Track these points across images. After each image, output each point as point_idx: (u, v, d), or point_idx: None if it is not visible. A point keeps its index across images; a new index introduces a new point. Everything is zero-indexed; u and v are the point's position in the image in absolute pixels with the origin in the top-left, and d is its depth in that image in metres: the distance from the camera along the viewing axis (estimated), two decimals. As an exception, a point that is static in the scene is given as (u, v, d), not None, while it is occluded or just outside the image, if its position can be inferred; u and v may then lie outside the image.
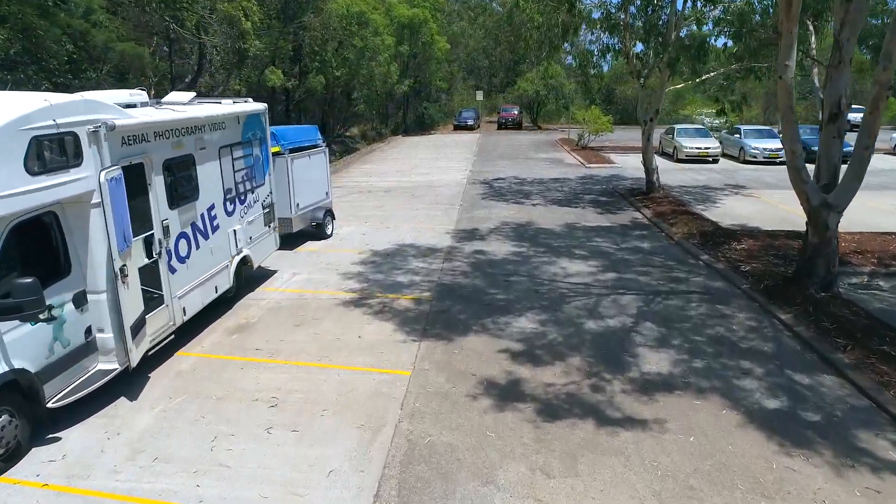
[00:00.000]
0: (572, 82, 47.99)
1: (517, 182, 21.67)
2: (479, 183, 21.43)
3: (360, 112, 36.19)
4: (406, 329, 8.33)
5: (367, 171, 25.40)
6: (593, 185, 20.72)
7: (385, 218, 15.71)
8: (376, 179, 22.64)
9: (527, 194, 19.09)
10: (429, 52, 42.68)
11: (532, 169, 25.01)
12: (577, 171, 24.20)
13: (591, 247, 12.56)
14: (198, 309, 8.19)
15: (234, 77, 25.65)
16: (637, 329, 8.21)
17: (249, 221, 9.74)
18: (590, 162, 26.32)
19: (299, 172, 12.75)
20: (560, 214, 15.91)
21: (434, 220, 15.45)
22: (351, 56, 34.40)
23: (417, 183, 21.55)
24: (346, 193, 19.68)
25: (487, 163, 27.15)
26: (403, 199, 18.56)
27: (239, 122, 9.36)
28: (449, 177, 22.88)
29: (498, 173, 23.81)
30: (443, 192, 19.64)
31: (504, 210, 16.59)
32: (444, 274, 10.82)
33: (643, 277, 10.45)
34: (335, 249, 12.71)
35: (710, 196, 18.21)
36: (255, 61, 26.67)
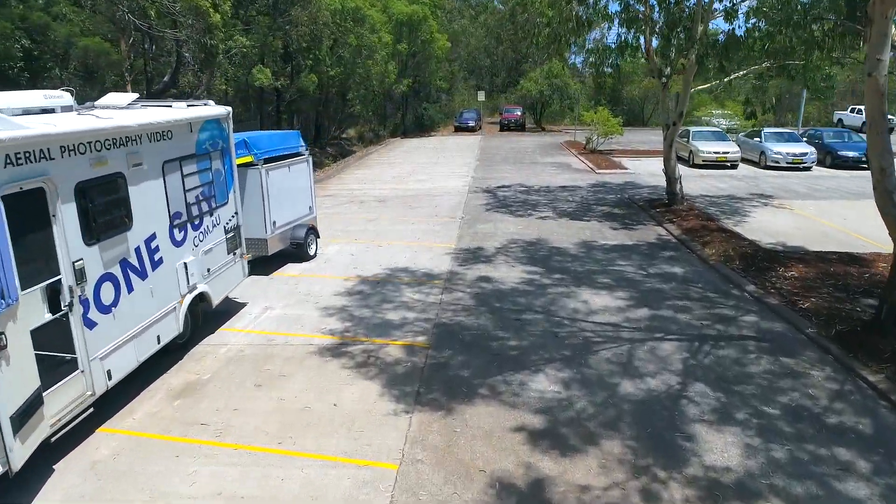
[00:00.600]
0: (577, 82, 46.22)
1: (523, 190, 19.93)
2: (481, 191, 19.70)
3: (356, 113, 34.47)
4: (395, 392, 6.61)
5: (362, 177, 23.67)
6: (606, 195, 18.98)
7: (378, 234, 13.98)
8: (371, 187, 20.91)
9: (534, 205, 17.35)
10: (428, 50, 40.96)
11: (538, 175, 23.28)
12: (586, 178, 22.47)
13: (614, 272, 10.82)
14: (130, 368, 6.47)
15: (219, 76, 23.98)
16: (688, 394, 6.48)
17: (207, 250, 8.01)
18: (600, 167, 24.59)
19: (276, 186, 11.03)
20: (574, 230, 14.18)
21: (433, 236, 13.73)
22: (346, 54, 32.75)
23: (415, 191, 19.82)
24: (336, 204, 17.95)
25: (490, 168, 25.42)
26: (399, 210, 16.83)
27: (192, 129, 7.63)
28: (449, 184, 21.15)
29: (502, 180, 22.08)
30: (443, 202, 17.91)
31: (510, 224, 14.85)
32: (443, 309, 9.09)
33: (682, 315, 8.72)
34: (318, 275, 10.98)
35: (737, 208, 16.47)
36: (244, 59, 25.02)
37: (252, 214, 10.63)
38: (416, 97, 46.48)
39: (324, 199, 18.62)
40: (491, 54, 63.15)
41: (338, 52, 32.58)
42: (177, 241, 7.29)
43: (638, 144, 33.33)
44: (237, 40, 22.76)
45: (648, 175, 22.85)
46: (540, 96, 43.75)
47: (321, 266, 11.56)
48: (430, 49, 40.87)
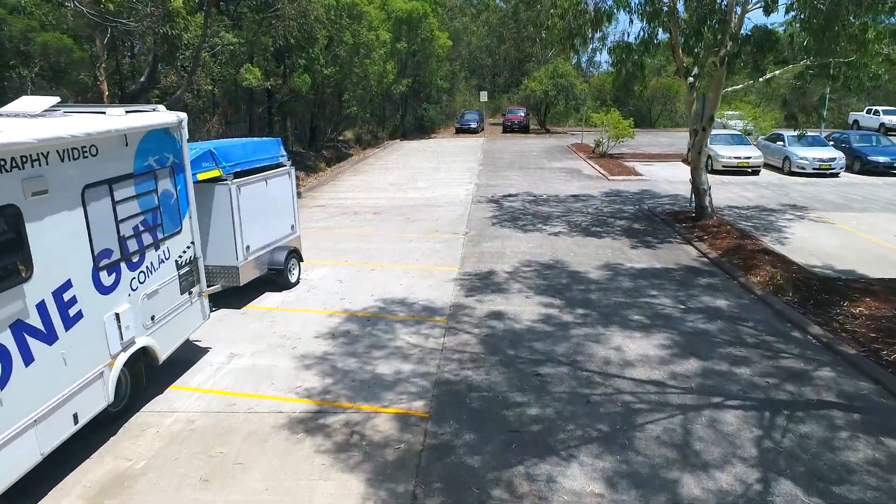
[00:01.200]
0: (583, 82, 44.57)
1: (532, 200, 18.30)
2: (486, 201, 18.07)
3: (353, 115, 32.86)
4: (383, 494, 4.99)
5: (357, 183, 22.05)
6: (624, 205, 17.35)
7: (371, 254, 12.37)
8: (366, 196, 19.29)
9: (546, 217, 15.73)
10: (429, 49, 39.34)
11: (547, 182, 21.65)
12: (599, 186, 20.84)
13: (646, 306, 9.19)
14: (30, 464, 4.85)
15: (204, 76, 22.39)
16: (773, 499, 4.85)
17: (151, 293, 6.40)
18: (612, 173, 22.96)
19: (251, 203, 9.42)
20: (593, 249, 12.55)
21: (434, 257, 12.11)
22: (342, 53, 31.17)
23: (414, 201, 18.20)
24: (327, 216, 16.33)
25: (495, 174, 23.80)
26: (396, 223, 15.22)
27: (127, 143, 6.02)
28: (451, 192, 19.53)
29: (508, 187, 20.45)
30: (444, 213, 16.29)
31: (521, 241, 13.23)
32: (445, 359, 7.47)
33: (740, 369, 7.09)
34: (298, 308, 9.37)
35: (771, 222, 14.84)
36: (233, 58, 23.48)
37: (220, 239, 9.03)
38: (416, 98, 44.88)
39: (313, 211, 17.03)
40: (493, 53, 61.58)
41: (334, 50, 31.01)
42: (104, 286, 5.68)
43: (648, 147, 31.74)
44: (223, 37, 21.20)
45: (665, 182, 21.24)
46: (545, 97, 42.12)
47: (303, 296, 9.94)
48: (430, 47, 39.26)
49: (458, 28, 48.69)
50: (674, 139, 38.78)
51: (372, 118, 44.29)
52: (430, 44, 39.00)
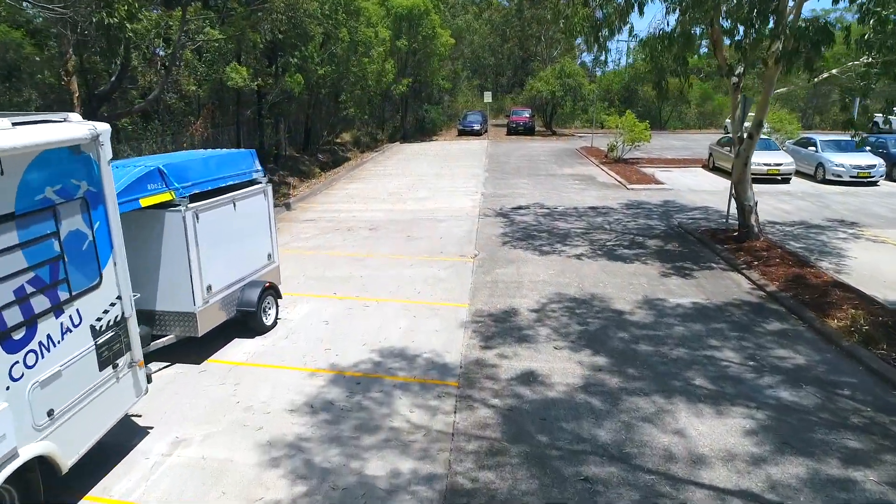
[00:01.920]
0: (590, 82, 42.72)
1: (545, 213, 16.45)
2: (495, 214, 16.22)
3: (350, 116, 31.00)
4: None
5: (353, 192, 20.20)
6: (650, 220, 15.50)
7: (365, 284, 10.53)
8: (362, 207, 17.44)
9: (564, 235, 13.89)
10: (430, 47, 37.50)
11: (560, 191, 19.80)
12: (618, 196, 18.99)
13: (708, 362, 7.35)
14: None
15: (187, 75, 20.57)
16: None
17: (47, 380, 4.56)
18: (631, 181, 21.11)
19: (214, 232, 7.58)
20: (625, 277, 10.71)
21: (439, 287, 10.27)
22: (339, 51, 29.36)
23: (415, 213, 16.35)
24: (317, 233, 14.49)
25: (502, 181, 21.95)
26: (395, 242, 13.38)
27: (3, 171, 4.17)
28: (456, 203, 17.68)
29: (517, 197, 18.61)
30: (449, 229, 14.45)
31: (540, 266, 11.39)
32: (457, 451, 5.63)
33: (858, 471, 5.25)
34: (271, 364, 7.53)
35: (823, 242, 12.99)
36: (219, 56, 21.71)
37: (172, 279, 7.20)
38: (417, 98, 43.06)
39: (303, 226, 15.18)
40: (495, 52, 59.76)
41: (330, 48, 29.22)
42: (-41, 384, 3.84)
43: (662, 151, 29.90)
44: (208, 32, 19.37)
45: (689, 192, 19.39)
46: (552, 97, 40.24)
47: (280, 344, 8.10)
48: (431, 46, 37.43)
49: (461, 26, 46.84)
50: (687, 142, 36.96)
51: (371, 120, 42.48)
52: (432, 42, 37.18)
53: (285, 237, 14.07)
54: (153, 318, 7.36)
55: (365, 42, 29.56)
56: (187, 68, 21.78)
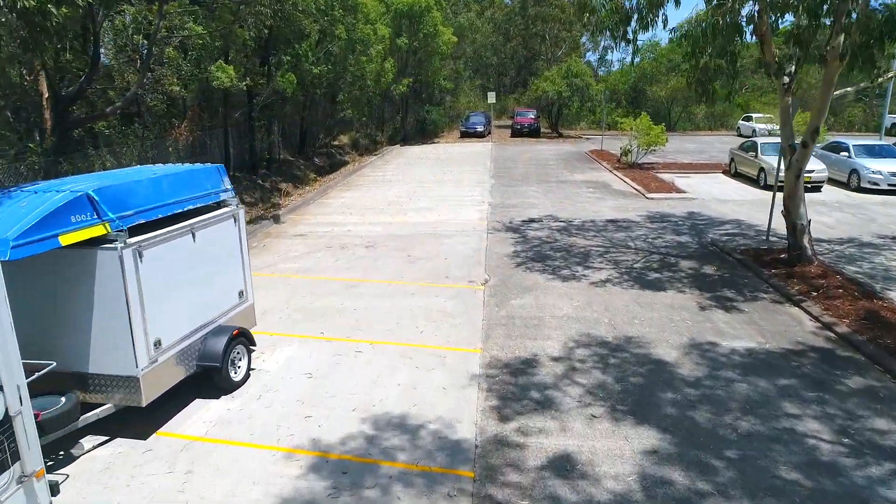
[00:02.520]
0: (598, 82, 41.11)
1: (560, 226, 14.89)
2: (504, 229, 14.65)
3: (347, 118, 29.45)
4: None
5: (349, 202, 18.62)
6: (678, 235, 13.93)
7: (358, 319, 8.97)
8: (358, 220, 15.86)
9: (584, 255, 12.32)
10: (431, 45, 35.95)
11: (574, 201, 18.22)
12: (638, 206, 17.41)
13: (790, 440, 5.78)
14: None
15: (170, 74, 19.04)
16: None
17: None
18: (650, 190, 19.53)
19: (164, 271, 6.03)
20: (662, 310, 9.15)
21: (445, 325, 8.71)
22: (336, 49, 27.84)
23: (416, 227, 14.78)
24: (306, 251, 12.91)
25: (510, 188, 20.38)
26: (393, 264, 11.82)
27: None
28: (461, 215, 16.11)
29: (528, 208, 17.04)
30: (454, 247, 12.88)
31: (562, 296, 9.83)
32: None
33: None
34: (236, 441, 5.96)
35: (882, 264, 11.40)
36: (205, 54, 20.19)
37: (107, 333, 5.64)
38: (418, 99, 41.52)
39: (291, 243, 13.61)
40: (498, 51, 58.17)
41: (326, 46, 27.69)
42: None
43: (676, 155, 28.33)
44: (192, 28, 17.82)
45: (715, 202, 17.81)
46: (558, 98, 38.65)
47: (250, 409, 6.53)
48: (433, 44, 35.88)
49: (463, 24, 45.26)
50: (700, 145, 35.45)
51: (370, 121, 40.96)
52: (433, 40, 35.63)
53: (271, 257, 12.51)
54: (86, 382, 5.81)
55: (363, 40, 28.04)
56: (171, 67, 20.25)
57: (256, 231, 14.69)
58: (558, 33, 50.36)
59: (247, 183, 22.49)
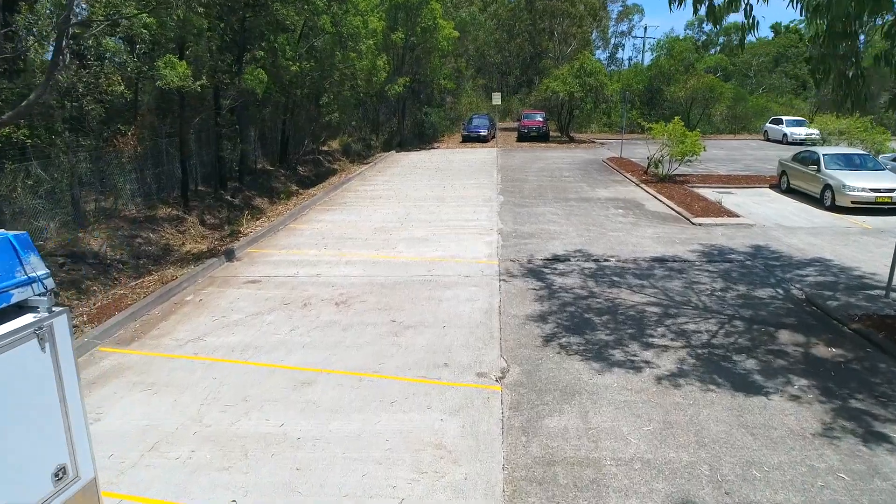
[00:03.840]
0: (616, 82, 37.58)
1: (594, 268, 11.42)
2: (522, 273, 11.18)
3: (333, 122, 26.01)
4: None
5: (326, 229, 15.15)
6: (752, 283, 10.46)
7: (299, 471, 5.49)
8: (332, 257, 12.40)
9: (636, 321, 8.86)
10: (430, 41, 32.53)
11: (603, 226, 14.76)
12: (685, 235, 13.95)
13: None
14: None
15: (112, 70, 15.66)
16: None
17: None
18: (694, 212, 16.06)
19: None
20: (788, 449, 5.70)
21: (438, 485, 5.24)
22: (321, 44, 24.43)
23: (405, 270, 11.33)
24: (253, 313, 9.42)
25: (523, 208, 16.92)
26: (369, 339, 8.35)
27: None
28: (464, 250, 12.66)
29: (549, 238, 13.59)
30: (455, 310, 9.41)
31: (622, 413, 6.36)
32: None
33: None
34: None
35: None
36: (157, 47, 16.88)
37: None
38: (416, 100, 38.04)
39: (238, 297, 10.13)
40: (502, 49, 54.71)
41: (312, 41, 24.29)
42: None
43: (707, 164, 24.85)
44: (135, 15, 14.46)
45: (779, 229, 14.35)
46: (569, 99, 35.17)
47: None
48: (432, 40, 32.44)
49: (465, 18, 41.78)
50: (728, 151, 31.93)
51: (364, 124, 37.54)
52: (432, 35, 32.18)
53: (204, 320, 9.06)
54: None
55: (352, 34, 24.59)
56: (112, 63, 16.86)
57: (198, 275, 11.24)
58: (567, 29, 46.87)
59: (211, 200, 19.06)
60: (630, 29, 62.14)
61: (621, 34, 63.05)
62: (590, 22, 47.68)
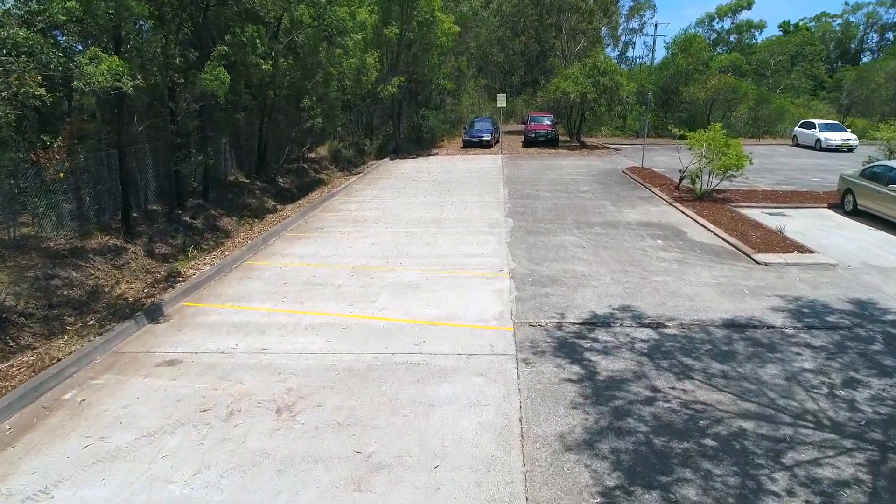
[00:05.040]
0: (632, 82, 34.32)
1: (652, 345, 8.22)
2: (549, 350, 7.97)
3: (316, 128, 22.79)
4: None
5: (290, 270, 11.91)
6: (881, 370, 7.28)
7: None
8: (289, 316, 9.19)
9: (740, 467, 5.68)
10: (428, 36, 29.32)
11: (644, 266, 11.54)
12: (752, 281, 10.73)
13: None
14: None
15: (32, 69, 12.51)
16: None
17: None
18: (752, 244, 12.85)
19: None
20: None
21: None
22: (302, 39, 21.30)
23: (384, 343, 8.13)
24: (151, 429, 6.16)
25: (539, 238, 13.73)
26: (317, 491, 5.17)
27: None
28: (466, 306, 9.46)
29: (577, 285, 10.39)
30: (453, 432, 6.20)
31: None
32: None
33: None
34: None
35: None
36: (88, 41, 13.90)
37: None
38: (413, 101, 34.83)
39: (141, 392, 6.85)
40: (505, 47, 51.48)
41: (293, 35, 21.13)
42: None
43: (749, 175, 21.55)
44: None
45: (874, 272, 11.13)
46: (581, 100, 31.95)
47: None
48: (430, 35, 29.24)
49: (466, 13, 38.56)
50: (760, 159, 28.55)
51: (356, 129, 34.34)
52: (430, 30, 28.98)
53: (66, 450, 5.82)
54: None
55: (337, 27, 21.43)
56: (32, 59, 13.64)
57: (98, 350, 8.05)
58: (576, 25, 43.64)
59: (161, 224, 15.87)
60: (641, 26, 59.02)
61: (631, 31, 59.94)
62: (600, 17, 44.46)
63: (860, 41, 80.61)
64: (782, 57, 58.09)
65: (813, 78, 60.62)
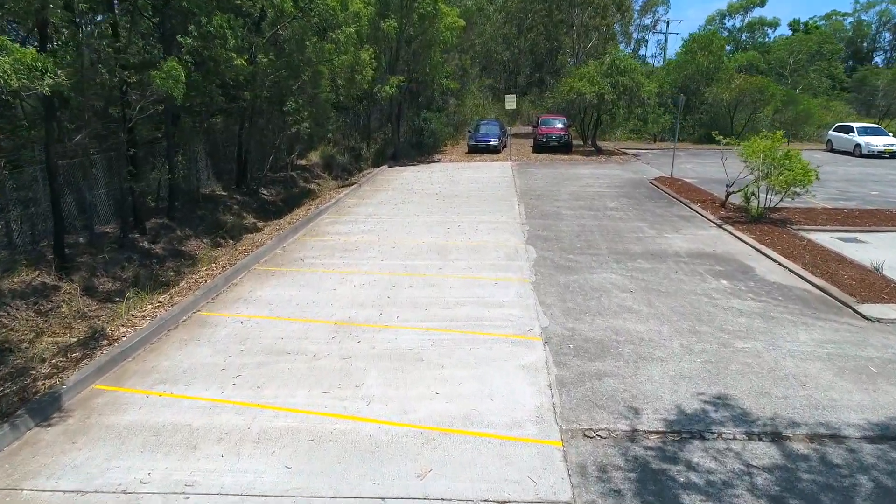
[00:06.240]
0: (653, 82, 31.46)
1: (780, 476, 5.45)
2: (625, 488, 5.21)
3: (303, 133, 19.98)
4: None
5: (251, 328, 9.07)
6: None
7: None
8: (236, 416, 6.39)
9: None
10: (430, 32, 26.52)
11: (718, 324, 8.75)
12: (873, 351, 7.94)
13: None
14: None
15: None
16: None
17: None
18: (849, 288, 10.03)
19: None
20: None
21: None
22: (287, 32, 18.55)
23: (374, 478, 5.35)
24: None
25: (570, 275, 10.92)
26: None
27: None
28: (489, 396, 6.67)
29: (641, 363, 7.62)
30: None
31: None
32: None
33: None
34: None
35: None
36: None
37: None
38: (413, 103, 32.04)
39: None
40: (511, 45, 48.67)
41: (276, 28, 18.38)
42: None
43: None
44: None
45: None
46: (598, 101, 29.14)
47: None
48: (432, 30, 26.43)
49: (471, 7, 35.76)
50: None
51: (352, 132, 31.59)
52: (433, 24, 26.17)
53: None
54: None
55: (326, 19, 18.64)
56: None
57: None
58: (589, 20, 40.82)
59: (109, 252, 13.08)
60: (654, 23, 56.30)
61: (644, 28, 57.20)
62: (613, 13, 41.71)
63: (872, 40, 77.81)
64: (802, 56, 55.29)
65: (831, 77, 57.84)
